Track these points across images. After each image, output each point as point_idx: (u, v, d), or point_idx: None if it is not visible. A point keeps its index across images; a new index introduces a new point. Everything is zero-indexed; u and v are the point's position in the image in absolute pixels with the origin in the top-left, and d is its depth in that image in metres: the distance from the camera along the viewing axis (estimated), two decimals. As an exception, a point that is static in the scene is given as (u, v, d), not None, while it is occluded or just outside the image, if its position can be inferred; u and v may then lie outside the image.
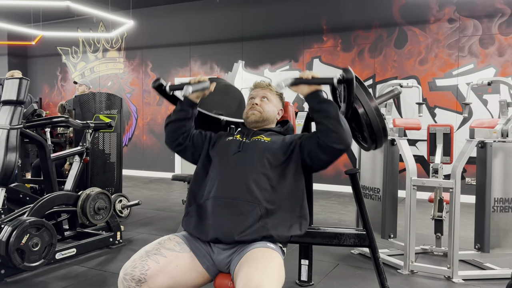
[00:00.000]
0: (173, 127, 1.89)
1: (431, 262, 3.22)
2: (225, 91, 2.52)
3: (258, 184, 1.68)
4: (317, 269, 3.00)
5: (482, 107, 6.00)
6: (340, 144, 1.66)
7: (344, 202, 5.88)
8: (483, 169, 2.97)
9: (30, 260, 2.70)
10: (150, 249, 1.58)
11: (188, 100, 1.87)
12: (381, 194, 3.29)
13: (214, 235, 1.61)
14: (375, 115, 1.83)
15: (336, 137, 1.66)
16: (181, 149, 1.91)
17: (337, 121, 1.66)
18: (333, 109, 1.68)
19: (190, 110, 1.88)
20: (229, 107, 2.41)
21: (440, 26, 6.27)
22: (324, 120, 1.68)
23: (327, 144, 1.67)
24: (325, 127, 1.67)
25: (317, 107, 1.71)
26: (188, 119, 1.89)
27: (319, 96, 1.72)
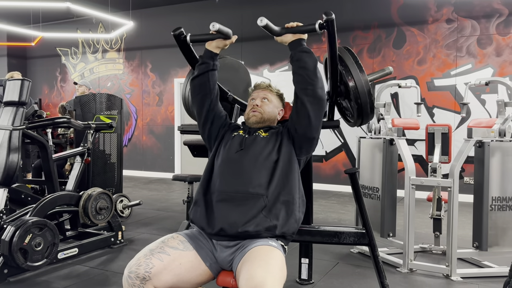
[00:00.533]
0: (199, 82, 1.91)
1: (430, 261, 3.25)
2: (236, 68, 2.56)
3: (259, 177, 1.73)
4: (317, 267, 3.03)
5: (480, 107, 6.03)
6: (314, 97, 1.74)
7: (344, 201, 5.91)
8: (481, 168, 3.00)
9: (33, 259, 2.73)
10: (154, 248, 1.61)
11: (208, 52, 1.89)
12: (380, 193, 3.32)
13: (219, 226, 1.65)
14: (364, 89, 1.89)
15: (311, 89, 1.74)
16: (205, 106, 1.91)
17: (313, 73, 1.74)
18: (311, 61, 1.76)
19: (211, 62, 1.90)
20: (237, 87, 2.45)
21: (438, 27, 6.31)
22: (301, 70, 1.75)
23: (302, 99, 1.75)
24: (301, 78, 1.76)
25: (297, 55, 1.77)
26: (211, 70, 1.91)
27: (302, 45, 1.78)
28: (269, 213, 1.67)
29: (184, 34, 1.85)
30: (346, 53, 1.98)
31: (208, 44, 1.91)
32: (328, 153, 7.09)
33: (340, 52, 1.99)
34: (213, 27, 1.74)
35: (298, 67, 1.77)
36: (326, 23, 1.69)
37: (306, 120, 1.78)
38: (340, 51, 1.99)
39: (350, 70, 1.91)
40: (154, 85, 8.75)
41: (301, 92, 1.76)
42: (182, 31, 1.85)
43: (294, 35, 1.79)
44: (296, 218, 1.74)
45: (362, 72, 1.91)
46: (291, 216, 1.72)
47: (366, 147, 3.50)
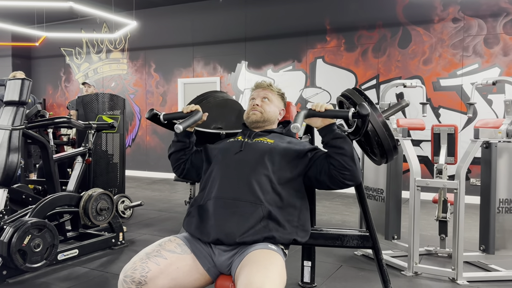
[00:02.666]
0: (175, 158, 1.95)
1: (436, 264, 3.19)
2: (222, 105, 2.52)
3: (260, 184, 1.66)
4: (320, 270, 2.98)
5: (487, 107, 5.95)
6: (351, 181, 1.67)
7: (348, 203, 5.85)
8: (488, 170, 2.94)
9: (32, 261, 2.69)
10: (151, 251, 1.56)
11: (184, 132, 1.88)
12: (384, 195, 3.26)
13: (215, 236, 1.59)
14: (384, 133, 1.81)
15: (349, 174, 1.65)
16: (185, 174, 1.96)
17: (351, 159, 1.64)
18: (348, 146, 1.65)
19: (187, 140, 1.92)
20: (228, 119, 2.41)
21: (444, 26, 6.24)
22: (338, 157, 1.64)
23: (338, 179, 1.66)
24: (338, 163, 1.64)
25: (332, 142, 1.66)
26: (187, 148, 1.93)
27: (334, 131, 1.68)
28: (268, 223, 1.61)
29: (158, 114, 1.89)
30: (356, 94, 1.89)
31: None
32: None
33: (350, 94, 1.91)
34: (177, 130, 1.74)
35: (334, 153, 1.66)
36: (361, 117, 1.62)
37: (327, 188, 1.73)
38: (350, 93, 1.91)
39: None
40: (158, 85, 8.73)
41: (339, 176, 1.65)
42: (155, 113, 1.90)
43: (324, 120, 1.69)
44: (297, 226, 1.68)
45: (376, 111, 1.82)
46: (292, 226, 1.66)
47: (371, 148, 3.44)
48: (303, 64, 7.29)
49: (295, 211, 1.70)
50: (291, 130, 1.63)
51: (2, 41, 9.76)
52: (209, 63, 8.17)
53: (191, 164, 1.93)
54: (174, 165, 1.97)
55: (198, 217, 1.69)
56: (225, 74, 8.01)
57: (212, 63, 8.16)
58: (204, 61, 8.21)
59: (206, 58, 8.20)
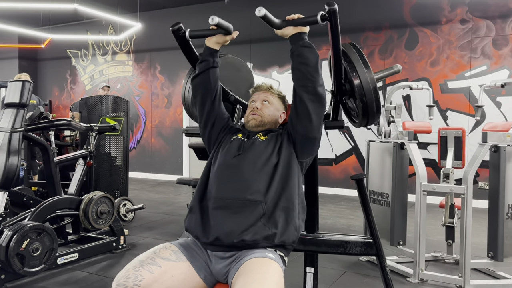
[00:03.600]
0: (199, 80, 1.83)
1: (442, 271, 3.12)
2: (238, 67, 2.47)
3: (258, 183, 1.62)
4: (323, 277, 2.91)
5: (496, 109, 5.85)
6: (315, 95, 1.64)
7: (354, 206, 5.77)
8: (497, 174, 2.86)
9: (30, 265, 2.66)
10: (144, 259, 1.52)
11: (208, 49, 1.81)
12: (390, 199, 3.19)
13: (215, 235, 1.55)
14: (369, 86, 1.78)
15: (312, 86, 1.63)
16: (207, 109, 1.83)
17: (315, 69, 1.64)
18: (313, 57, 1.65)
19: (211, 59, 1.82)
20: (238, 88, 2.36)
21: (452, 27, 6.15)
22: (302, 66, 1.64)
23: (302, 96, 1.64)
24: (301, 74, 1.65)
25: (298, 50, 1.66)
26: (211, 68, 1.82)
27: (303, 39, 1.68)
28: (268, 221, 1.56)
29: (183, 30, 1.76)
30: (351, 49, 1.86)
31: (207, 40, 1.83)
32: (338, 157, 6.95)
33: (345, 48, 1.87)
34: (212, 21, 1.65)
35: (298, 62, 1.66)
36: (329, 14, 1.57)
37: (307, 119, 1.68)
38: (345, 47, 1.88)
39: (355, 67, 1.79)
40: (163, 87, 8.71)
41: (301, 89, 1.65)
42: (181, 26, 1.77)
43: (295, 28, 1.69)
44: (296, 225, 1.63)
45: (368, 68, 1.79)
46: (291, 223, 1.62)
47: (376, 151, 3.38)
48: (309, 66, 7.22)
49: (294, 194, 1.66)
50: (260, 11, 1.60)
51: (9, 43, 9.80)
52: (214, 65, 8.12)
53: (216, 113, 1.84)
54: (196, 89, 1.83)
55: (199, 215, 1.65)
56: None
57: (217, 65, 8.12)
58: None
59: (211, 60, 8.15)
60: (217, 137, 1.87)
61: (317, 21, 1.60)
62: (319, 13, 1.59)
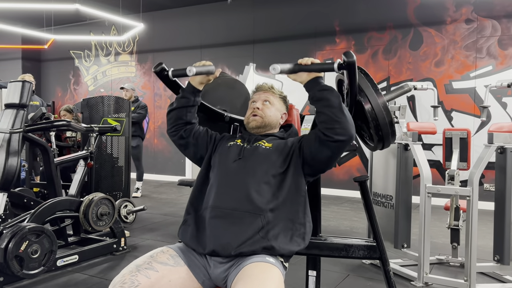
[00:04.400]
0: (175, 115, 1.79)
1: (447, 274, 3.06)
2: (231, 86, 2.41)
3: (259, 193, 1.57)
4: (325, 280, 2.87)
5: (501, 110, 5.78)
6: (344, 135, 1.54)
7: (357, 208, 5.71)
8: (503, 176, 2.81)
9: (29, 267, 2.62)
10: (141, 263, 1.48)
11: (191, 87, 1.77)
12: (394, 201, 3.14)
13: (211, 248, 1.50)
14: (382, 112, 1.71)
15: (339, 127, 1.53)
16: (182, 144, 1.81)
17: (340, 110, 1.54)
18: (335, 97, 1.56)
19: (192, 98, 1.78)
20: (234, 104, 2.30)
21: (457, 27, 6.08)
22: (326, 109, 1.56)
23: (329, 136, 1.55)
24: (327, 117, 1.55)
25: (318, 95, 1.58)
26: (190, 106, 1.78)
27: (320, 83, 1.60)
28: (266, 234, 1.50)
29: (167, 70, 1.74)
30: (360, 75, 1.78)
31: (191, 79, 1.78)
32: (342, 158, 6.89)
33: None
34: (190, 72, 1.63)
35: (321, 106, 1.57)
36: (347, 65, 1.51)
37: (326, 160, 1.62)
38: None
39: (365, 93, 1.72)
40: (166, 88, 8.65)
41: (329, 131, 1.55)
42: (164, 67, 1.76)
43: (309, 74, 1.61)
44: (297, 241, 1.57)
45: (379, 93, 1.72)
46: (292, 236, 1.56)
47: (379, 153, 3.32)
48: (312, 66, 7.17)
49: (296, 220, 1.59)
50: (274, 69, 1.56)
51: (12, 44, 9.82)
52: (217, 66, 7.97)
53: (196, 140, 1.79)
54: (172, 124, 1.79)
55: (194, 226, 1.60)
56: (233, 76, 7.92)
57: (220, 66, 8.08)
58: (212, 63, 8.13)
59: (214, 61, 8.06)
60: (206, 150, 1.80)
61: (334, 69, 1.53)
62: (337, 61, 1.52)
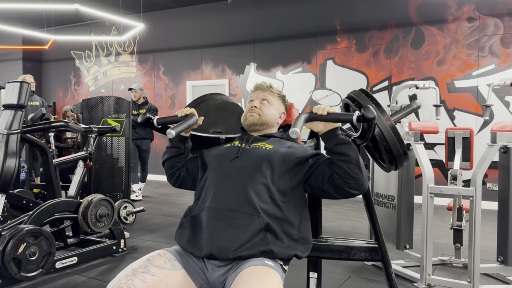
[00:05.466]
0: (169, 165, 1.83)
1: (450, 275, 3.02)
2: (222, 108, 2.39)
3: (257, 194, 1.53)
4: (327, 281, 2.83)
5: (504, 109, 5.74)
6: (357, 190, 1.53)
7: (359, 208, 5.67)
8: (507, 176, 2.76)
9: (27, 270, 2.60)
10: (137, 267, 1.45)
11: (178, 136, 1.77)
12: (396, 202, 3.10)
13: (208, 251, 1.47)
14: (393, 138, 1.65)
15: (355, 183, 1.51)
16: (180, 183, 1.83)
17: (357, 166, 1.50)
18: (353, 153, 1.51)
19: (182, 146, 1.80)
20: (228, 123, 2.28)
21: (459, 25, 6.04)
22: (343, 164, 1.51)
23: (343, 188, 1.53)
24: (343, 171, 1.51)
25: (336, 149, 1.52)
26: (181, 154, 1.81)
27: (337, 136, 1.53)
28: (265, 236, 1.47)
29: (152, 118, 1.80)
30: (362, 96, 1.73)
31: None
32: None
33: (356, 95, 1.75)
34: (170, 135, 1.63)
35: (338, 160, 1.52)
36: (366, 120, 1.49)
37: (331, 197, 1.61)
38: (356, 95, 1.76)
39: None
40: (166, 88, 8.67)
41: (344, 185, 1.52)
42: (149, 117, 1.82)
43: (326, 124, 1.55)
44: (296, 242, 1.55)
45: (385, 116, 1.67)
46: (291, 238, 1.53)
47: (381, 152, 3.29)
48: (313, 65, 7.14)
49: (295, 222, 1.56)
50: (295, 133, 1.46)
51: (13, 44, 9.81)
52: (217, 66, 8.08)
53: (187, 172, 1.81)
54: (168, 173, 1.84)
55: (190, 229, 1.56)
56: (234, 76, 7.90)
57: (220, 65, 8.06)
58: (212, 63, 8.12)
59: (214, 60, 8.11)
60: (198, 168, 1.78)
61: (352, 121, 1.49)
62: (355, 113, 1.48)
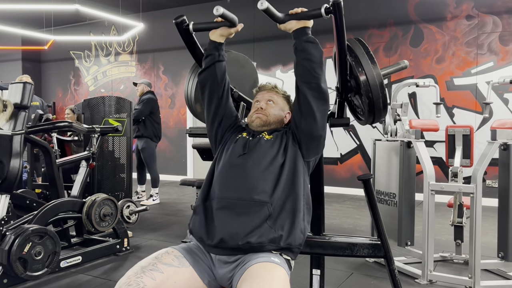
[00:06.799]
0: (205, 76, 1.80)
1: (451, 271, 3.06)
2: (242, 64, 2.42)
3: (263, 183, 1.58)
4: (329, 278, 2.87)
5: (503, 106, 5.77)
6: (317, 92, 1.62)
7: (360, 206, 5.71)
8: (506, 173, 2.79)
9: (33, 269, 2.62)
10: (146, 265, 1.47)
11: (212, 42, 1.78)
12: (397, 199, 3.13)
13: (219, 236, 1.51)
14: (375, 82, 1.73)
15: (315, 83, 1.61)
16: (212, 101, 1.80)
17: (319, 66, 1.62)
18: (317, 53, 1.62)
19: (217, 53, 1.79)
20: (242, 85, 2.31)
21: (458, 23, 6.07)
22: (306, 63, 1.61)
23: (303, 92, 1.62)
24: (305, 70, 1.62)
25: (302, 46, 1.63)
26: (217, 62, 1.79)
27: (307, 34, 1.64)
28: (274, 223, 1.52)
29: (187, 22, 1.73)
30: (357, 44, 1.80)
31: (211, 33, 1.79)
32: (343, 156, 6.89)
33: (350, 43, 1.82)
34: (217, 11, 1.60)
35: (302, 58, 1.62)
36: (333, 7, 1.54)
37: (311, 117, 1.64)
38: (350, 42, 1.82)
39: (360, 62, 1.74)
40: (166, 88, 8.68)
41: (305, 85, 1.62)
42: (185, 19, 1.74)
43: (298, 22, 1.65)
44: (301, 228, 1.59)
45: (374, 64, 1.74)
46: (297, 225, 1.57)
47: (382, 150, 3.32)
48: (313, 64, 7.15)
49: (300, 196, 1.61)
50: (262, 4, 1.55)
51: (12, 45, 9.81)
52: (217, 65, 8.08)
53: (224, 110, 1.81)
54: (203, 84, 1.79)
55: (203, 216, 1.61)
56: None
57: (220, 65, 8.07)
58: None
59: (214, 60, 8.11)
60: (223, 135, 1.83)
61: (321, 15, 1.56)
62: (323, 6, 1.55)
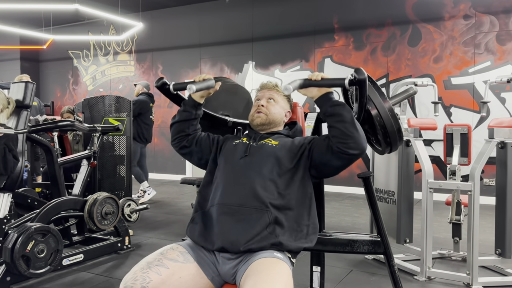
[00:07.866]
0: (177, 129, 1.84)
1: (449, 268, 3.09)
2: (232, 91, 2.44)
3: (265, 190, 1.60)
4: (329, 275, 2.90)
5: (500, 105, 5.82)
6: (356, 150, 1.56)
7: (358, 204, 5.75)
8: (504, 171, 2.83)
9: (36, 267, 2.65)
10: (152, 260, 1.50)
11: (192, 100, 1.81)
12: (396, 197, 3.17)
13: (220, 244, 1.53)
14: (389, 117, 1.74)
15: (352, 142, 1.55)
16: (186, 152, 1.85)
17: (352, 125, 1.56)
18: (347, 112, 1.57)
19: (194, 111, 1.82)
20: (236, 108, 2.33)
21: (455, 23, 6.11)
22: (339, 124, 1.57)
23: (341, 150, 1.57)
24: (339, 132, 1.57)
25: (330, 110, 1.60)
26: (192, 119, 1.83)
27: (331, 99, 1.62)
28: (274, 230, 1.54)
29: (168, 84, 1.79)
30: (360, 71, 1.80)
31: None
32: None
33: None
34: (190, 90, 1.66)
35: (334, 121, 1.58)
36: (358, 82, 1.55)
37: (335, 169, 1.65)
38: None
39: (371, 98, 1.75)
40: (165, 87, 8.68)
41: (342, 145, 1.56)
42: (165, 82, 1.80)
43: (320, 89, 1.63)
44: (304, 236, 1.60)
45: (384, 98, 1.75)
46: (299, 234, 1.59)
47: (381, 149, 3.35)
48: (311, 63, 7.20)
49: (303, 215, 1.63)
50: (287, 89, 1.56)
51: (11, 44, 9.80)
52: (216, 64, 8.12)
53: (200, 147, 1.83)
54: (174, 136, 1.85)
55: (202, 224, 1.62)
56: (232, 74, 7.94)
57: (219, 64, 8.11)
58: (211, 62, 8.16)
59: (213, 59, 8.15)
60: (211, 152, 1.83)
61: (344, 86, 1.56)
62: (347, 77, 1.55)
